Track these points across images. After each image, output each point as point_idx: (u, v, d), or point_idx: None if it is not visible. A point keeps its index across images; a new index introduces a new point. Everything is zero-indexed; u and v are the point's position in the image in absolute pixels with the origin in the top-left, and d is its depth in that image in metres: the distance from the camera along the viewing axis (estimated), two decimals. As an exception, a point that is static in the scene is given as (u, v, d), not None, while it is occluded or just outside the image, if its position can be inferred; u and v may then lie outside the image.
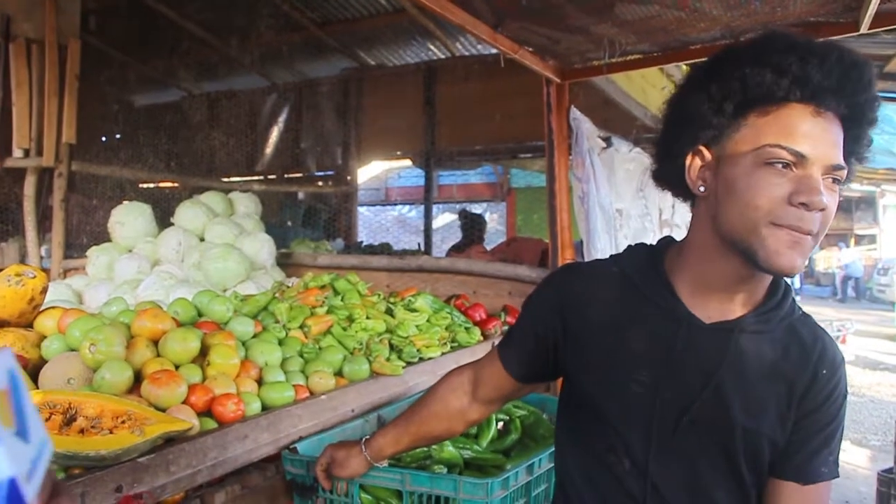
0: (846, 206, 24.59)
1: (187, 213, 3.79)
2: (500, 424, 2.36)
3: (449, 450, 2.04)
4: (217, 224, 3.76)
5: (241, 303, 2.70)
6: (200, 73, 7.09)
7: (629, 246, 1.42)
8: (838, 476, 1.29)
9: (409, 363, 2.66)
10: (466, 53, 6.39)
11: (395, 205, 15.13)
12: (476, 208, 10.98)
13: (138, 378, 1.94)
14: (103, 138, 6.92)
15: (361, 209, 9.45)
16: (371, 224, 11.23)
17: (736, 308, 1.28)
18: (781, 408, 1.26)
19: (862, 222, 24.50)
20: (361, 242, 7.06)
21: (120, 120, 6.89)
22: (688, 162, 1.26)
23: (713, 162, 1.22)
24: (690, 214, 1.34)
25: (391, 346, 2.70)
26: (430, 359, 2.76)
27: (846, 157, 1.18)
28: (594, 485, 1.36)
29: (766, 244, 1.14)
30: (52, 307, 2.35)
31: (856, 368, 10.20)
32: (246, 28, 6.07)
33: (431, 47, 6.56)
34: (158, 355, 2.04)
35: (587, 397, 1.36)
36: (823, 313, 15.13)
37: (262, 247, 3.71)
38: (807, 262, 1.21)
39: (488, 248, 5.86)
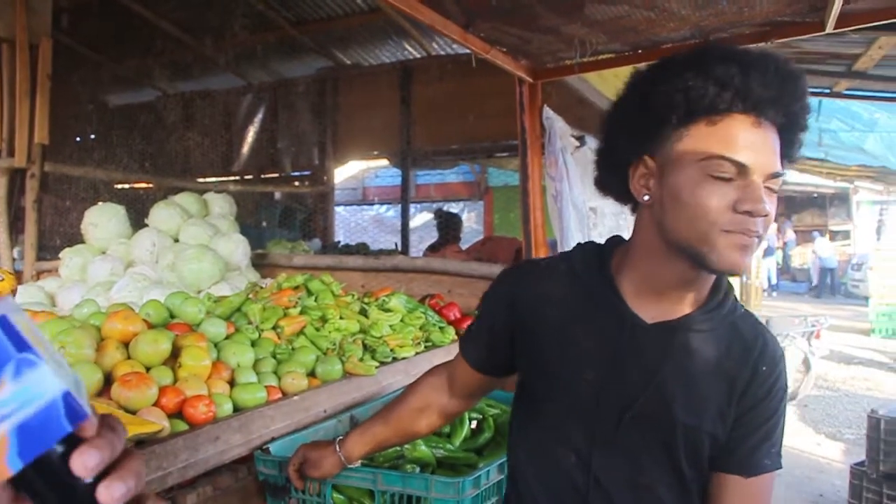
0: (821, 203, 24.84)
1: (161, 214, 3.77)
2: (474, 423, 2.37)
3: (421, 449, 2.05)
4: (191, 225, 3.74)
5: (213, 304, 2.69)
6: (175, 73, 7.05)
7: (579, 244, 1.47)
8: (781, 467, 1.34)
9: (382, 363, 2.66)
10: (442, 53, 6.40)
11: (373, 205, 15.12)
12: (453, 207, 10.99)
13: (108, 380, 1.94)
14: (77, 139, 6.86)
15: (338, 209, 9.44)
16: (348, 224, 11.23)
17: (679, 308, 1.32)
18: (722, 404, 1.30)
19: (836, 218, 24.73)
20: (339, 242, 7.05)
21: (94, 120, 6.83)
22: (631, 171, 1.30)
23: (657, 171, 1.26)
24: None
25: (365, 347, 2.71)
26: (403, 359, 2.76)
27: (780, 160, 1.23)
28: (542, 477, 1.41)
29: (717, 249, 1.19)
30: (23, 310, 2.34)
31: (830, 363, 10.30)
32: (221, 27, 6.03)
33: (407, 47, 6.56)
34: (129, 357, 2.03)
35: (537, 392, 1.41)
36: (799, 308, 15.27)
37: (237, 247, 3.70)
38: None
39: (464, 247, 5.88)
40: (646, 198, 1.28)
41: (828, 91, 5.76)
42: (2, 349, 0.57)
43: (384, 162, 8.30)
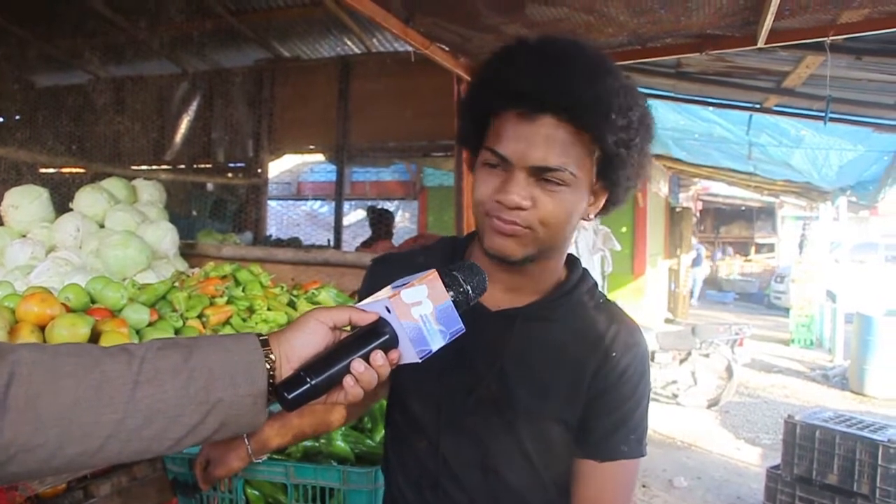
0: (748, 216, 25.57)
1: (87, 199, 3.67)
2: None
3: (338, 444, 2.02)
4: (118, 210, 3.65)
5: (137, 291, 2.63)
6: (107, 56, 6.82)
7: (442, 238, 1.54)
8: (643, 455, 1.37)
9: (310, 356, 2.63)
10: (382, 49, 6.36)
11: (307, 200, 14.96)
12: (388, 206, 10.96)
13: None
14: (0, 118, 6.62)
15: (272, 203, 9.29)
16: (281, 218, 11.06)
17: (523, 297, 1.38)
18: (569, 389, 1.34)
19: (762, 231, 25.50)
20: (271, 236, 6.95)
21: (18, 99, 6.60)
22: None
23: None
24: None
25: (292, 339, 2.67)
26: (331, 352, 2.73)
27: (606, 157, 1.24)
28: (402, 461, 1.47)
29: (485, 232, 1.28)
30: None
31: (751, 371, 10.59)
32: (156, 11, 5.89)
33: (347, 42, 6.49)
34: (45, 342, 1.97)
35: (396, 380, 1.44)
36: (723, 317, 15.67)
37: (165, 235, 3.62)
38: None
39: (397, 244, 5.86)
40: None
41: (758, 106, 5.92)
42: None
43: (320, 157, 8.19)
